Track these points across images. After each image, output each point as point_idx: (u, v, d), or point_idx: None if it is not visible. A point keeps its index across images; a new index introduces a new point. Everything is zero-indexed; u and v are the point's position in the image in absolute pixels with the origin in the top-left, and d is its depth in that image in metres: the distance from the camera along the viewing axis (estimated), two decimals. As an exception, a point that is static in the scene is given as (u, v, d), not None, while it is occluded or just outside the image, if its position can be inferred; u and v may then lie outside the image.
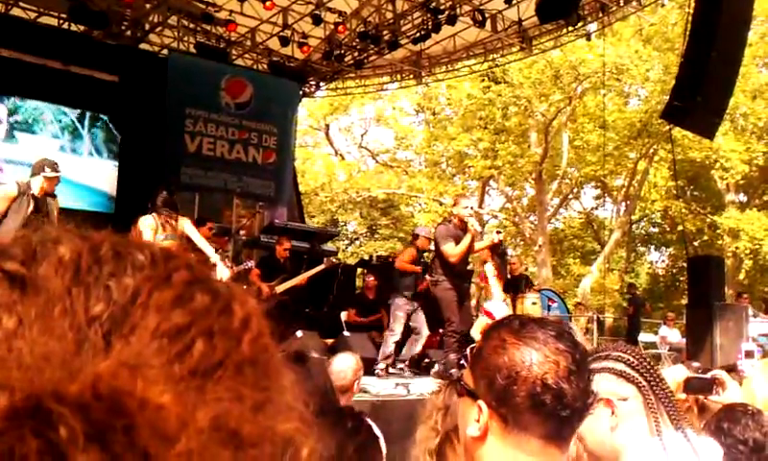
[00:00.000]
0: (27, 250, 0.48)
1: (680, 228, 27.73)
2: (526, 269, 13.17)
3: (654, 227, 32.74)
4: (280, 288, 10.17)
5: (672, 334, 16.98)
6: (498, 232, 11.57)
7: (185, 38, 15.45)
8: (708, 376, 2.36)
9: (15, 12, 13.82)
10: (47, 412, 0.40)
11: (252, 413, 0.46)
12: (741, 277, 27.23)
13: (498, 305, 10.94)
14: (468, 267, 9.07)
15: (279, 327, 0.53)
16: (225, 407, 0.45)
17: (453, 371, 8.28)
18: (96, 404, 0.40)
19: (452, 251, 8.43)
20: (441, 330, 9.28)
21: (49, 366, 0.42)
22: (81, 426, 0.39)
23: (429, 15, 13.98)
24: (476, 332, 10.69)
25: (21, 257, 0.47)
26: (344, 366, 4.70)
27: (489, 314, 10.55)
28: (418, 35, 14.48)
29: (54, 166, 7.33)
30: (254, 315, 0.51)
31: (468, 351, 1.47)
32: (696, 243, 28.13)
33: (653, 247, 33.88)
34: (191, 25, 15.10)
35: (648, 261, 34.09)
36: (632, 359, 1.83)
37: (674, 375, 2.30)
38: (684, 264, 22.48)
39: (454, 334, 8.54)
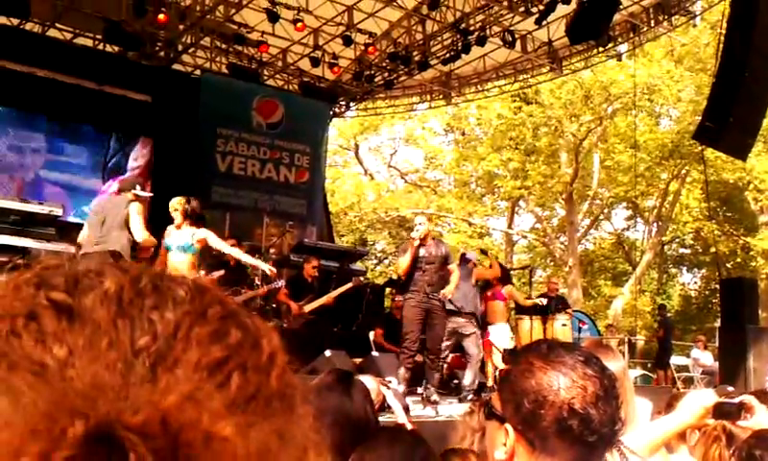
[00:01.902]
0: (69, 280, 0.49)
1: (712, 249, 27.38)
2: (557, 291, 13.05)
3: (686, 248, 32.35)
4: (309, 307, 10.20)
5: (705, 357, 16.73)
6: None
7: (218, 59, 15.64)
8: (737, 400, 2.32)
9: (52, 32, 14.08)
10: (119, 440, 0.41)
11: (283, 445, 0.48)
12: (775, 299, 26.80)
13: (499, 329, 10.91)
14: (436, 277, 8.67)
15: (308, 347, 0.54)
16: (265, 439, 0.46)
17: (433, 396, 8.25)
18: (163, 435, 0.42)
19: (398, 263, 8.75)
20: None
21: (105, 395, 0.43)
22: (149, 455, 0.41)
23: (459, 36, 14.01)
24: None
25: (65, 287, 0.48)
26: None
27: (487, 336, 10.50)
28: (447, 55, 14.52)
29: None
30: (279, 350, 0.52)
31: (496, 374, 1.48)
32: (729, 265, 27.74)
33: (685, 268, 33.48)
34: (224, 46, 15.29)
35: (680, 283, 33.68)
36: None
37: (702, 400, 2.26)
38: (717, 286, 22.20)
39: (406, 350, 8.42)
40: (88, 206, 9.67)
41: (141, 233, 7.42)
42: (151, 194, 7.72)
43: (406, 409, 5.20)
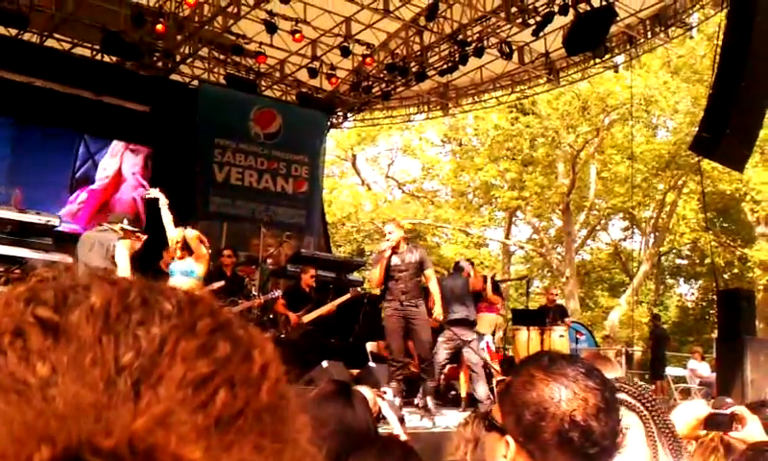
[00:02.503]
0: (58, 295, 0.49)
1: (709, 260, 27.40)
2: (554, 301, 13.05)
3: (683, 259, 32.38)
4: (307, 318, 10.19)
5: (702, 368, 16.72)
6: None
7: (216, 70, 15.66)
8: (728, 411, 2.31)
9: (50, 43, 14.09)
10: None
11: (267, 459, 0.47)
12: (772, 310, 26.80)
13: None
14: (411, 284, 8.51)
15: (305, 358, 0.53)
16: (246, 458, 0.45)
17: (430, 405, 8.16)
18: (130, 459, 0.41)
19: (370, 275, 8.73)
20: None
21: (83, 416, 0.42)
22: None
23: (456, 48, 14.04)
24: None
25: (53, 303, 0.48)
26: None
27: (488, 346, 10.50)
28: (445, 66, 14.55)
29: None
30: (273, 361, 0.51)
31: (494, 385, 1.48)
32: (726, 276, 27.75)
33: (682, 279, 33.49)
34: (221, 56, 15.31)
35: (677, 294, 33.69)
36: (633, 390, 1.82)
37: (694, 411, 2.26)
38: (714, 297, 22.21)
39: (393, 362, 8.40)
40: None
41: (126, 273, 7.19)
42: (139, 231, 7.56)
43: (401, 420, 5.19)
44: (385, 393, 6.18)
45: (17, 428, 0.41)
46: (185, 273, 7.49)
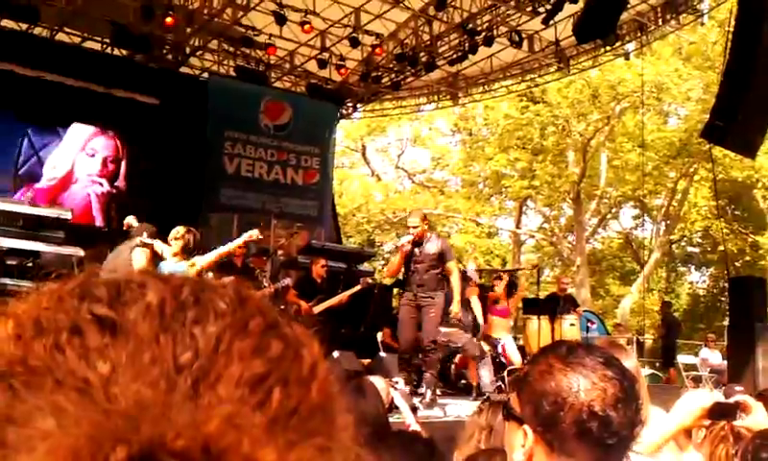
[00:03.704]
0: (111, 292, 0.49)
1: (721, 248, 27.29)
2: (565, 290, 13.01)
3: (694, 247, 32.24)
4: (318, 308, 10.21)
5: (713, 356, 16.65)
6: None
7: (225, 62, 15.68)
8: (732, 400, 2.31)
9: (60, 36, 14.13)
10: None
11: (323, 459, 0.47)
12: (785, 298, 26.65)
13: (510, 341, 10.93)
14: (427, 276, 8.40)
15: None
16: (308, 458, 0.46)
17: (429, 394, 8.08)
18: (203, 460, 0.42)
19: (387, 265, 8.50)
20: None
21: (150, 416, 0.43)
22: None
23: (466, 37, 14.00)
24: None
25: (107, 300, 0.48)
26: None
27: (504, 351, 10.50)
28: (454, 56, 14.52)
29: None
30: (320, 360, 0.52)
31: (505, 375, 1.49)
32: (737, 263, 27.64)
33: (693, 267, 33.37)
34: (231, 49, 15.31)
35: (689, 282, 33.58)
36: None
37: (699, 400, 2.26)
38: (726, 285, 22.12)
39: (401, 354, 8.40)
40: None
41: None
42: (158, 243, 7.53)
43: (413, 410, 5.20)
44: (397, 383, 6.19)
45: (89, 427, 0.41)
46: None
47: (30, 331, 0.47)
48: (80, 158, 14.13)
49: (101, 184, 14.13)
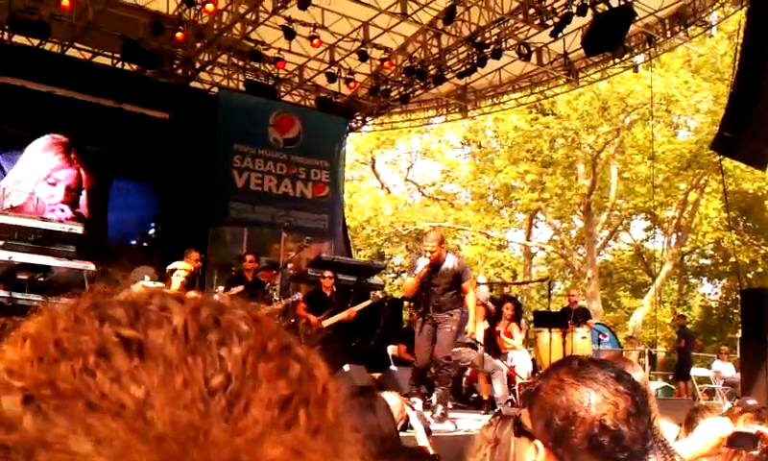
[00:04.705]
0: (130, 313, 0.49)
1: (732, 259, 27.15)
2: (576, 303, 12.96)
3: (706, 259, 32.10)
4: (327, 322, 10.19)
5: (726, 368, 16.55)
6: None
7: (235, 76, 15.74)
8: (753, 431, 2.29)
9: (71, 52, 14.22)
10: None
11: None
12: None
13: (520, 355, 10.88)
14: (444, 297, 7.95)
15: (327, 361, 0.54)
16: None
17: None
18: None
19: (405, 282, 8.35)
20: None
21: (189, 440, 0.42)
22: None
23: (474, 50, 14.02)
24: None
25: (128, 321, 0.48)
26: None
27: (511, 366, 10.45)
28: (463, 69, 14.53)
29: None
30: (330, 379, 0.52)
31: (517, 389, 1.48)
32: (750, 275, 27.48)
33: (705, 279, 33.20)
34: (240, 63, 15.37)
35: (701, 294, 33.41)
36: None
37: (718, 429, 2.25)
38: (738, 296, 21.99)
39: (419, 370, 8.33)
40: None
41: None
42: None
43: (428, 431, 5.17)
44: (414, 403, 6.15)
45: (131, 452, 0.41)
46: None
47: (53, 353, 0.46)
48: (41, 187, 13.93)
49: (62, 210, 13.91)
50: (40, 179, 13.81)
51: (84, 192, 14.28)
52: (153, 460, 0.41)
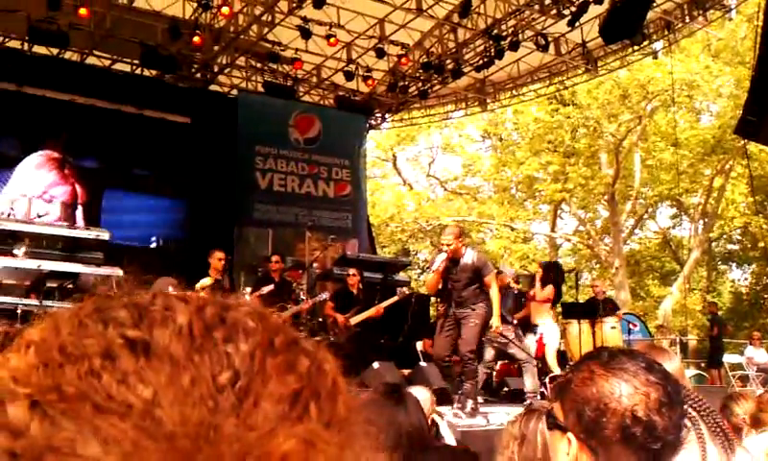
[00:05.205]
0: (134, 314, 0.48)
1: (761, 244, 26.87)
2: (604, 293, 12.85)
3: (734, 244, 31.75)
4: (354, 320, 10.21)
5: (759, 354, 16.35)
6: None
7: (253, 78, 15.80)
8: None
9: (91, 60, 14.34)
10: None
11: None
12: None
13: (548, 327, 10.90)
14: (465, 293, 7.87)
15: (356, 360, 0.54)
16: None
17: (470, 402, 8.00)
18: None
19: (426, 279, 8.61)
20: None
21: (200, 438, 0.42)
22: None
23: (491, 42, 13.96)
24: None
25: (132, 322, 0.48)
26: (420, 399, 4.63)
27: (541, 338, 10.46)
28: (481, 62, 14.48)
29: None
30: (339, 373, 0.52)
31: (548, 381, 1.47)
32: (779, 259, 27.19)
33: (734, 265, 32.85)
34: (258, 65, 15.44)
35: (730, 280, 33.06)
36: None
37: (763, 445, 2.23)
38: (768, 281, 21.76)
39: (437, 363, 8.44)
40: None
41: None
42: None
43: (457, 441, 5.16)
44: (444, 414, 6.10)
45: (138, 451, 0.41)
46: None
47: (57, 358, 0.46)
48: (36, 203, 13.99)
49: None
50: (35, 196, 13.92)
51: (79, 207, 14.39)
52: (163, 458, 0.41)
